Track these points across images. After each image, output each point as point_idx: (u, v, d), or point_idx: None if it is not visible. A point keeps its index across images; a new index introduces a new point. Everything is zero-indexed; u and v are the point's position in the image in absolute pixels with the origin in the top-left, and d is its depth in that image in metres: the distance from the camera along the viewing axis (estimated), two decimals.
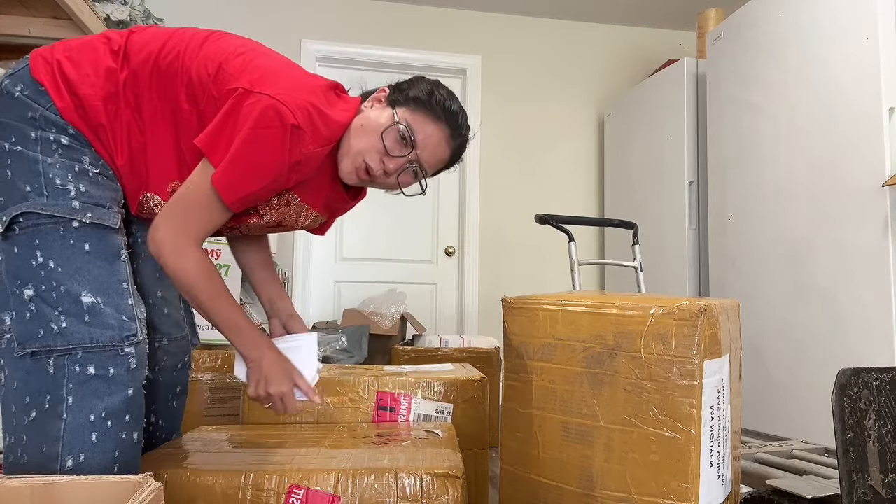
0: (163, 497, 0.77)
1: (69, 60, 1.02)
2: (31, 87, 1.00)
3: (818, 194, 2.18)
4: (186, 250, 1.02)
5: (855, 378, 0.97)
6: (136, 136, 1.04)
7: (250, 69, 1.02)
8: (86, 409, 0.95)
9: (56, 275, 0.96)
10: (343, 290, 3.69)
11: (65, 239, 0.98)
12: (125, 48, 1.04)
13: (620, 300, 1.07)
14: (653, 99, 3.30)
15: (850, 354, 2.03)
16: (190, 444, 1.21)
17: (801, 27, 2.29)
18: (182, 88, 1.03)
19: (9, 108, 0.99)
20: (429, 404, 1.45)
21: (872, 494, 0.94)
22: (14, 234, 0.98)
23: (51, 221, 0.97)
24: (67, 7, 2.24)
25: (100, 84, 1.02)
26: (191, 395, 2.06)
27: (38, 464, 0.94)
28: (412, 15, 3.83)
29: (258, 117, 0.97)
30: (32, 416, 0.94)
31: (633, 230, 2.46)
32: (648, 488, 0.99)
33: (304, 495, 0.99)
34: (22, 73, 1.01)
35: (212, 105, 1.02)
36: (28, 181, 0.98)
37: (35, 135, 0.99)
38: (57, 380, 0.95)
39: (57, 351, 0.95)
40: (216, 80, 1.02)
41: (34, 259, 0.97)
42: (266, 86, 0.99)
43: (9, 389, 0.97)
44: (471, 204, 3.80)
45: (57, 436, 0.94)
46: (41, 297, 0.96)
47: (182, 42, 1.05)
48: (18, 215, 0.97)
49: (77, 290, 0.96)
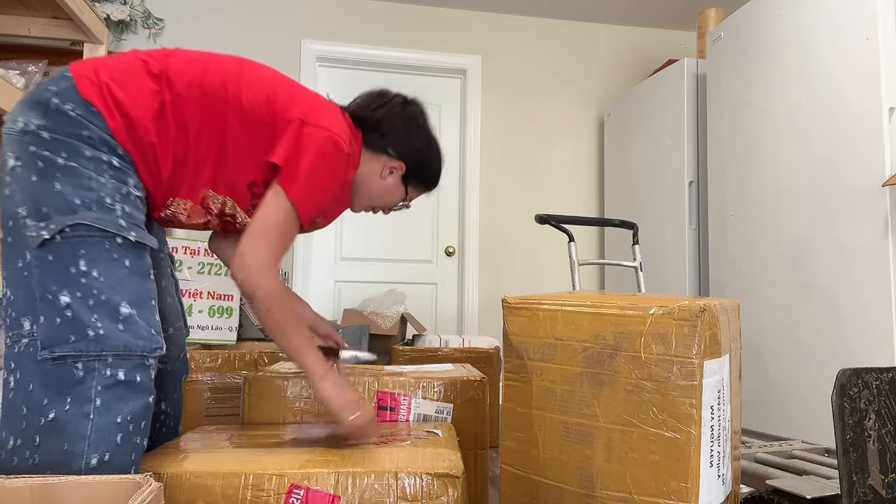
0: (163, 497, 0.77)
1: (116, 83, 1.10)
2: (82, 107, 1.06)
3: (818, 194, 2.18)
4: (273, 270, 1.15)
5: (855, 378, 0.97)
6: (180, 151, 1.14)
7: (297, 101, 1.18)
8: (113, 412, 1.00)
9: (98, 284, 1.02)
10: (343, 290, 3.69)
11: (109, 252, 1.04)
12: (166, 73, 1.13)
13: (620, 300, 1.07)
14: (653, 99, 3.30)
15: (850, 354, 2.03)
16: (190, 444, 1.21)
17: (801, 27, 2.28)
18: (232, 112, 1.15)
19: (63, 125, 1.05)
20: (429, 404, 1.45)
21: (872, 494, 0.94)
22: (54, 242, 1.02)
23: (98, 234, 1.03)
24: (67, 7, 2.24)
25: (148, 105, 1.11)
26: (191, 394, 2.07)
27: (54, 463, 0.96)
28: (412, 15, 3.83)
29: (321, 146, 1.15)
30: (51, 417, 0.97)
31: (633, 230, 2.46)
32: (648, 488, 0.99)
33: (304, 495, 0.99)
34: (69, 92, 1.07)
35: (262, 127, 1.17)
36: (78, 195, 1.03)
37: (89, 153, 1.06)
38: (85, 382, 0.99)
39: (88, 355, 1.00)
40: (268, 109, 1.16)
41: (74, 267, 1.02)
42: (318, 118, 1.16)
43: (22, 392, 0.99)
44: (471, 204, 3.80)
45: (83, 434, 0.97)
46: (79, 302, 1.01)
47: (221, 71, 1.17)
48: (69, 225, 1.02)
49: (117, 301, 1.03)
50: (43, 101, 1.06)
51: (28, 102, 1.07)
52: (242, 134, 1.16)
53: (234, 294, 2.40)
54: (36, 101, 1.07)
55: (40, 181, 1.03)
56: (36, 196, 1.03)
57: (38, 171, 1.04)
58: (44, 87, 1.08)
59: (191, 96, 1.13)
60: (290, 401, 1.44)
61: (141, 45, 3.47)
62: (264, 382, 1.45)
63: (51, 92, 1.07)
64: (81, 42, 2.53)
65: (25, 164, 1.04)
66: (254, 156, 1.18)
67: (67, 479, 0.80)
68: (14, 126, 1.06)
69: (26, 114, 1.06)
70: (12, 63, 2.20)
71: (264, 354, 2.19)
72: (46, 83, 1.09)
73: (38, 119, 1.05)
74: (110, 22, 3.34)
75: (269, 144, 1.17)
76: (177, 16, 3.55)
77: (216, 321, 2.35)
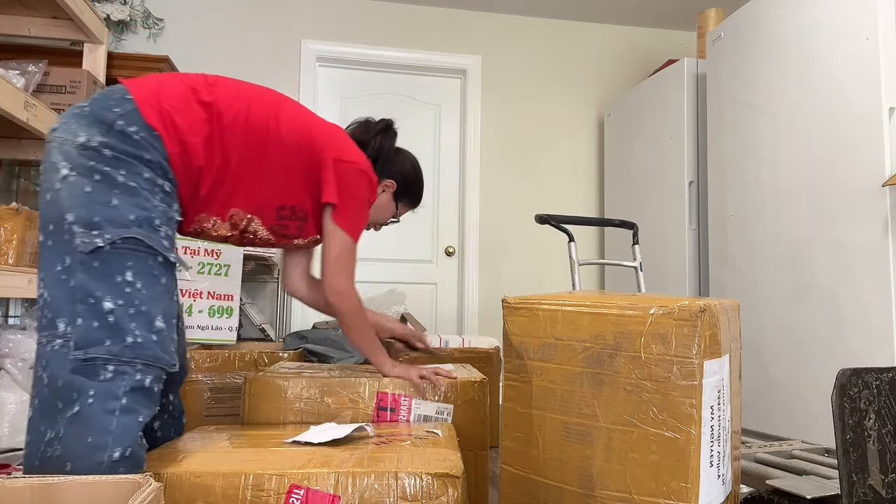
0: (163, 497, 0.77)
1: (175, 111, 1.20)
2: (145, 130, 1.15)
3: (818, 194, 2.18)
4: (354, 290, 1.45)
5: (855, 378, 0.97)
6: (221, 175, 1.27)
7: (328, 139, 1.37)
8: (135, 413, 1.07)
9: (140, 295, 1.10)
10: None
11: (152, 268, 1.13)
12: (216, 104, 1.25)
13: (620, 300, 1.07)
14: (653, 99, 3.30)
15: (850, 354, 2.03)
16: (190, 444, 1.21)
17: (801, 27, 2.29)
18: (272, 145, 1.31)
19: (127, 146, 1.13)
20: (429, 405, 1.45)
21: (872, 494, 0.94)
22: (103, 251, 1.09)
23: (146, 250, 1.12)
24: (67, 7, 2.24)
25: (200, 132, 1.22)
26: (191, 394, 2.07)
27: (76, 454, 1.01)
28: (412, 15, 3.83)
29: (357, 179, 1.39)
30: (76, 410, 1.03)
31: (633, 230, 2.46)
32: (648, 488, 0.99)
33: (304, 495, 0.99)
34: (131, 115, 1.15)
35: (297, 160, 1.34)
36: (133, 212, 1.12)
37: (147, 175, 1.15)
38: (115, 382, 1.06)
39: (121, 359, 1.07)
40: (307, 145, 1.34)
41: (120, 276, 1.09)
42: (350, 154, 1.39)
43: (54, 388, 1.05)
44: (471, 204, 3.80)
45: (108, 429, 1.03)
46: (123, 310, 1.08)
47: (262, 108, 1.31)
48: (122, 237, 1.09)
49: (154, 314, 1.11)
50: (107, 121, 1.13)
51: (88, 118, 1.14)
52: (278, 164, 1.32)
53: (234, 294, 2.40)
54: (99, 120, 1.13)
55: (94, 193, 1.10)
56: (88, 206, 1.09)
57: (94, 184, 1.10)
58: (106, 107, 1.15)
59: (237, 129, 1.26)
60: (291, 401, 1.44)
61: (141, 45, 3.48)
62: (265, 383, 1.45)
63: (115, 114, 1.14)
64: (81, 42, 2.54)
65: (80, 175, 1.10)
66: (287, 183, 1.34)
67: (68, 478, 0.79)
68: (74, 139, 1.12)
69: (88, 130, 1.12)
70: (12, 63, 2.20)
71: (264, 354, 2.19)
72: (107, 102, 1.15)
73: (101, 136, 1.12)
74: (110, 22, 3.34)
75: (304, 176, 1.36)
76: (177, 16, 3.55)
77: (216, 321, 2.35)
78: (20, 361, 1.91)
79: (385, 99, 3.83)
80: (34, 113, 1.94)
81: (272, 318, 3.51)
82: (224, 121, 1.25)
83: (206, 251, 2.39)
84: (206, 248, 2.40)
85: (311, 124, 1.37)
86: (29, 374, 1.90)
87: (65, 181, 1.10)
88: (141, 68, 2.96)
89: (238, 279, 2.42)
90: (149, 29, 3.50)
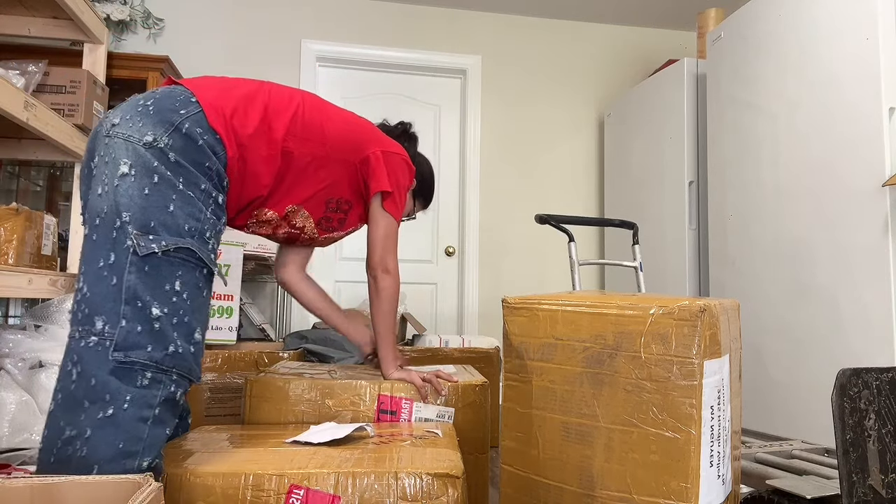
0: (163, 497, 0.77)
1: (235, 115, 1.23)
2: (209, 133, 1.17)
3: (818, 194, 2.18)
4: (399, 272, 1.54)
5: (855, 378, 0.97)
6: (281, 174, 1.34)
7: (374, 135, 1.50)
8: (165, 423, 1.07)
9: (185, 306, 1.10)
10: (343, 290, 3.70)
11: (198, 280, 1.13)
12: (271, 106, 1.31)
13: (620, 300, 1.07)
14: (653, 99, 3.30)
15: (850, 354, 2.03)
16: (190, 444, 1.21)
17: (801, 27, 2.29)
18: (319, 143, 1.38)
19: (191, 151, 1.14)
20: (430, 408, 1.45)
21: (872, 494, 0.94)
22: (156, 256, 1.08)
23: (195, 261, 1.12)
24: (67, 7, 2.24)
25: (259, 136, 1.27)
26: (191, 394, 2.07)
27: (105, 457, 1.00)
28: (412, 15, 3.83)
29: (402, 168, 1.52)
30: (109, 413, 1.01)
31: (633, 230, 2.46)
32: (648, 488, 0.99)
33: (304, 495, 0.99)
34: (197, 118, 1.16)
35: (347, 156, 1.44)
36: (187, 222, 1.12)
37: (204, 186, 1.16)
38: (150, 390, 1.05)
39: (160, 367, 1.06)
40: (354, 140, 1.45)
41: (169, 284, 1.09)
42: (393, 146, 1.52)
43: (85, 385, 1.02)
44: (471, 204, 3.80)
45: (141, 437, 1.03)
46: (168, 318, 1.08)
47: (314, 107, 1.40)
48: (177, 247, 1.10)
49: (195, 326, 1.12)
50: (174, 122, 1.13)
51: (154, 118, 1.13)
52: (331, 160, 1.41)
53: (233, 294, 2.40)
54: (166, 121, 1.13)
55: (153, 195, 1.09)
56: (146, 209, 1.08)
57: (153, 186, 1.09)
58: (172, 108, 1.15)
59: (296, 129, 1.33)
60: (292, 403, 1.44)
61: (141, 45, 3.48)
62: (266, 384, 1.45)
63: (181, 115, 1.15)
64: (81, 42, 2.54)
65: (140, 175, 1.09)
66: (336, 177, 1.44)
67: (68, 478, 0.80)
68: (141, 137, 1.10)
69: (155, 129, 1.12)
70: (12, 63, 2.20)
71: (264, 354, 2.19)
72: (173, 103, 1.16)
73: (168, 138, 1.12)
74: (110, 22, 3.34)
75: (351, 170, 1.46)
76: (177, 16, 3.55)
77: (216, 321, 2.35)
78: (20, 361, 1.91)
79: (385, 99, 3.83)
80: (34, 113, 1.94)
81: (272, 318, 3.51)
82: (281, 121, 1.30)
83: None
84: None
85: (354, 122, 1.48)
86: (29, 374, 1.90)
87: (124, 178, 1.08)
88: (141, 68, 2.96)
89: (238, 279, 2.42)
90: (149, 29, 3.50)
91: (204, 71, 3.53)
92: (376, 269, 1.50)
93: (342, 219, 1.52)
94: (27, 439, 1.81)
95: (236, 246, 2.45)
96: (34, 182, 3.07)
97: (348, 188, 1.47)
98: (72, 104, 2.30)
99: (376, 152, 1.47)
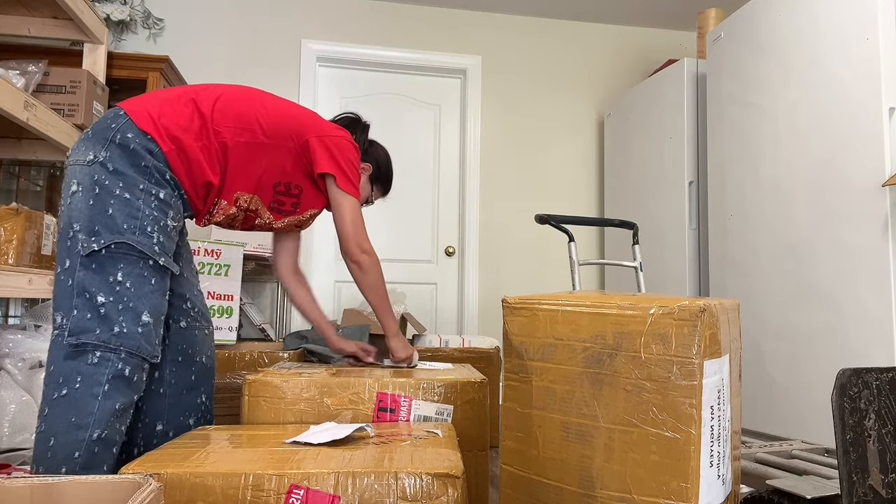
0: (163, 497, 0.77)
1: (163, 114, 1.33)
2: (140, 136, 1.30)
3: (818, 194, 2.18)
4: (371, 246, 1.59)
5: (855, 378, 0.97)
6: (221, 163, 1.42)
7: (311, 122, 1.53)
8: (114, 399, 1.21)
9: (129, 293, 1.25)
10: (343, 290, 3.69)
11: (142, 270, 1.27)
12: (202, 103, 1.39)
13: (620, 300, 1.07)
14: (653, 99, 3.30)
15: (850, 354, 2.03)
16: (190, 444, 1.21)
17: (801, 27, 2.29)
18: (254, 132, 1.45)
19: (126, 157, 1.28)
20: (429, 406, 1.45)
21: (872, 494, 0.94)
22: (100, 255, 1.24)
23: (136, 254, 1.26)
24: (67, 7, 2.24)
25: (191, 128, 1.36)
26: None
27: (59, 430, 1.16)
28: (412, 15, 3.83)
29: (346, 147, 1.55)
30: (63, 393, 1.18)
31: (633, 230, 2.46)
32: (648, 488, 0.99)
33: (304, 495, 0.99)
34: (126, 125, 1.30)
35: (286, 142, 1.49)
36: (126, 221, 1.26)
37: (143, 186, 1.29)
38: (99, 368, 1.20)
39: (108, 346, 1.21)
40: (291, 128, 1.50)
41: (112, 276, 1.24)
42: (331, 129, 1.55)
43: (48, 372, 1.21)
44: (471, 204, 3.80)
45: (91, 411, 1.18)
46: (114, 305, 1.23)
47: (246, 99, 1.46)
48: (115, 242, 1.24)
49: (140, 309, 1.26)
50: (108, 136, 1.28)
51: (93, 138, 1.29)
52: (269, 147, 1.47)
53: (234, 294, 2.40)
54: (102, 138, 1.28)
55: (96, 205, 1.25)
56: (91, 216, 1.25)
57: (94, 197, 1.25)
58: (104, 126, 1.30)
59: (228, 120, 1.40)
60: (291, 402, 1.44)
61: (141, 45, 3.48)
62: (264, 384, 1.45)
63: (112, 129, 1.29)
64: (81, 42, 2.54)
65: (86, 189, 1.26)
66: (279, 163, 1.49)
67: (68, 478, 0.80)
68: (84, 158, 1.27)
69: (93, 148, 1.28)
70: (12, 63, 2.20)
71: (264, 354, 2.19)
72: (105, 122, 1.31)
73: (105, 151, 1.27)
74: (110, 22, 3.34)
75: (293, 156, 1.51)
76: (177, 16, 3.55)
77: (216, 321, 2.35)
78: (20, 361, 1.91)
79: (385, 99, 3.83)
80: (34, 113, 1.94)
81: (272, 318, 3.51)
82: (213, 114, 1.39)
83: (206, 251, 2.39)
84: (206, 248, 2.40)
85: (292, 111, 1.53)
86: (29, 374, 1.90)
87: (74, 195, 1.26)
88: (141, 68, 2.96)
89: (238, 279, 2.42)
90: (149, 29, 3.50)
91: (204, 71, 3.53)
92: (354, 254, 1.56)
93: (295, 203, 1.57)
94: (27, 439, 1.81)
95: (236, 246, 2.45)
96: (34, 182, 3.07)
97: (296, 172, 1.53)
98: (72, 104, 2.30)
99: (312, 138, 1.52)
